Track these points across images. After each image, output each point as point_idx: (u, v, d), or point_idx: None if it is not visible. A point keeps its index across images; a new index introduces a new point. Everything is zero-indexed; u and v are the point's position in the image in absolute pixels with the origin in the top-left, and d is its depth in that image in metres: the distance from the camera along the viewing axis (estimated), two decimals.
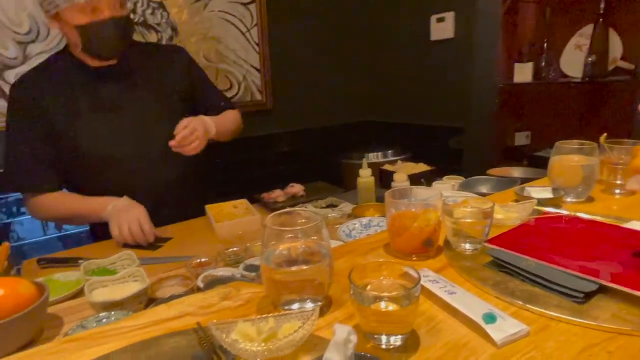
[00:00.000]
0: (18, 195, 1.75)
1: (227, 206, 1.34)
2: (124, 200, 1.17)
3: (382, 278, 0.50)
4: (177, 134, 1.14)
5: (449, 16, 2.08)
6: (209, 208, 1.30)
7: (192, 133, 1.15)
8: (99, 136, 1.19)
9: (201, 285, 0.79)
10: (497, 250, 0.65)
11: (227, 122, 1.39)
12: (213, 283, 0.79)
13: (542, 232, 0.73)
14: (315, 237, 0.56)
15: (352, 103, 2.69)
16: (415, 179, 1.32)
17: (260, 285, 0.63)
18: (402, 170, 1.24)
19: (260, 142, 2.37)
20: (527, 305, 0.54)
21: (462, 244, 0.70)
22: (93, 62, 1.17)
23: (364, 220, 1.02)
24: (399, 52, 2.42)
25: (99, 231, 1.30)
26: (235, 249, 0.97)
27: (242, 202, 1.35)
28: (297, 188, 1.45)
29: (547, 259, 0.61)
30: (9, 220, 1.76)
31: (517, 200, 0.91)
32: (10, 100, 1.17)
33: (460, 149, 2.18)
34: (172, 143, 1.15)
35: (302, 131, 2.51)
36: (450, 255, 0.69)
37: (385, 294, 0.48)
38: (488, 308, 0.52)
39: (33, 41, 1.67)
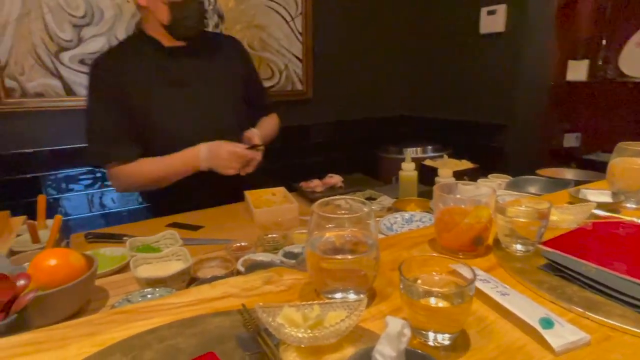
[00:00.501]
0: (67, 172, 1.84)
1: (265, 193, 1.34)
2: (204, 149, 1.23)
3: (434, 273, 0.48)
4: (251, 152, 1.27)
5: (501, 9, 2.00)
6: (248, 194, 1.31)
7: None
8: (169, 111, 1.26)
9: (242, 269, 0.80)
10: (553, 253, 0.61)
11: (270, 133, 1.49)
12: (253, 267, 0.80)
13: (601, 238, 0.69)
14: (362, 228, 0.54)
15: (392, 96, 2.64)
16: (457, 176, 1.28)
17: (302, 272, 0.63)
18: (446, 167, 1.20)
19: (299, 131, 2.37)
20: (587, 313, 0.50)
21: (514, 245, 0.66)
22: (167, 41, 1.26)
23: (406, 214, 1.00)
24: (445, 45, 2.35)
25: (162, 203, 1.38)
26: (274, 235, 0.98)
27: (280, 190, 1.36)
28: (335, 179, 1.44)
29: (608, 265, 0.57)
30: (58, 196, 1.85)
31: (571, 203, 0.86)
32: (91, 77, 1.25)
33: (503, 148, 2.10)
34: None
35: (341, 122, 2.49)
36: (501, 255, 0.66)
37: (437, 289, 0.46)
38: (544, 312, 0.49)
39: (87, 25, 1.73)
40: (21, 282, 0.58)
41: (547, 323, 0.47)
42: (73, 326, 0.52)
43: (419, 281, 0.48)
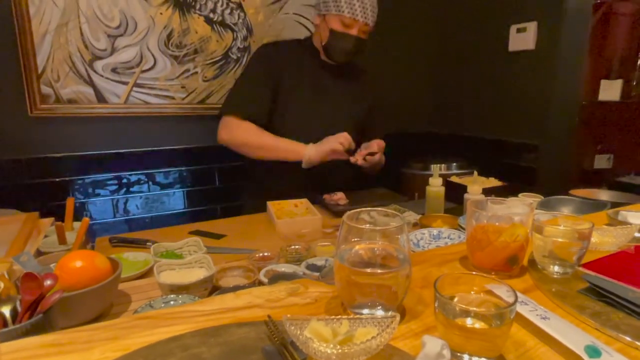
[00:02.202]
0: (95, 177, 1.87)
1: (288, 204, 1.33)
2: (312, 144, 1.40)
3: (472, 292, 0.46)
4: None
5: (531, 26, 1.97)
6: (271, 204, 1.30)
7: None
8: (304, 109, 1.45)
9: (265, 280, 0.79)
10: (596, 277, 0.57)
11: (375, 161, 1.50)
12: (276, 278, 0.78)
13: None
14: (391, 242, 0.52)
15: (417, 113, 2.62)
16: (485, 194, 1.24)
17: (328, 285, 0.61)
18: (475, 184, 1.17)
19: None
20: (637, 343, 0.47)
21: (551, 266, 0.63)
22: (323, 55, 1.49)
23: (434, 230, 0.97)
24: (473, 62, 2.33)
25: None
26: (297, 246, 0.96)
27: (303, 202, 1.35)
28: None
29: None
30: (84, 200, 1.89)
31: (610, 225, 0.82)
32: (256, 54, 1.49)
33: (531, 168, 2.05)
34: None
35: None
36: (537, 276, 0.63)
37: (475, 309, 0.43)
38: (590, 340, 0.46)
39: (121, 35, 1.78)
40: (48, 282, 0.58)
41: (594, 351, 0.43)
42: (97, 329, 0.51)
43: (456, 299, 0.45)
